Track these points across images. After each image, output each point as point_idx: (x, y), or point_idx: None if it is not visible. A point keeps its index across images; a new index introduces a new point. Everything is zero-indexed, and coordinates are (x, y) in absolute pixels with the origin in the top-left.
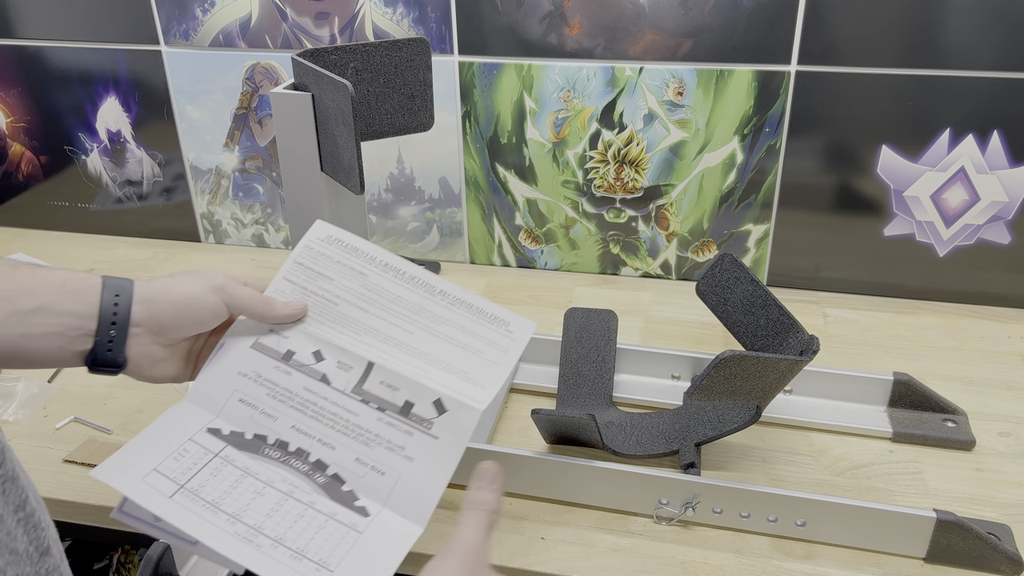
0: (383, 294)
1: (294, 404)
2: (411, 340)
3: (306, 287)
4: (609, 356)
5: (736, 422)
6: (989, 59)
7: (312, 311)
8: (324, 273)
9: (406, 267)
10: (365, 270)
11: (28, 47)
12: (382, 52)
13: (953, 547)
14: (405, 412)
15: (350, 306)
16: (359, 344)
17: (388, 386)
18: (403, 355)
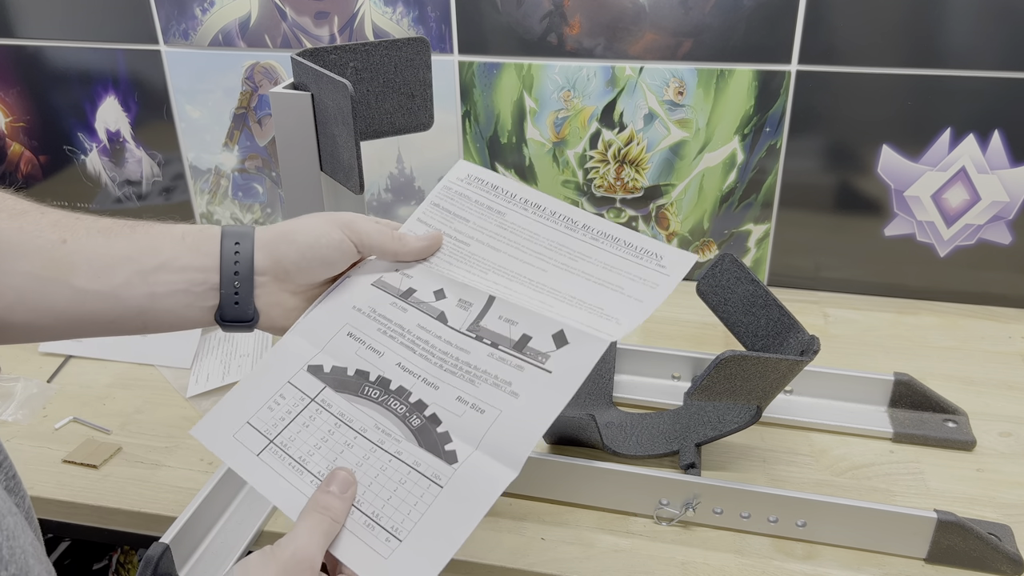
0: (519, 232)
1: (404, 341)
2: (543, 277)
3: (440, 228)
4: (609, 356)
5: (736, 422)
6: (990, 59)
7: (443, 252)
8: (460, 214)
9: (547, 202)
10: (503, 208)
11: (27, 47)
12: (382, 52)
13: (954, 547)
14: (520, 346)
15: (483, 246)
16: (484, 282)
17: (506, 320)
18: (530, 291)
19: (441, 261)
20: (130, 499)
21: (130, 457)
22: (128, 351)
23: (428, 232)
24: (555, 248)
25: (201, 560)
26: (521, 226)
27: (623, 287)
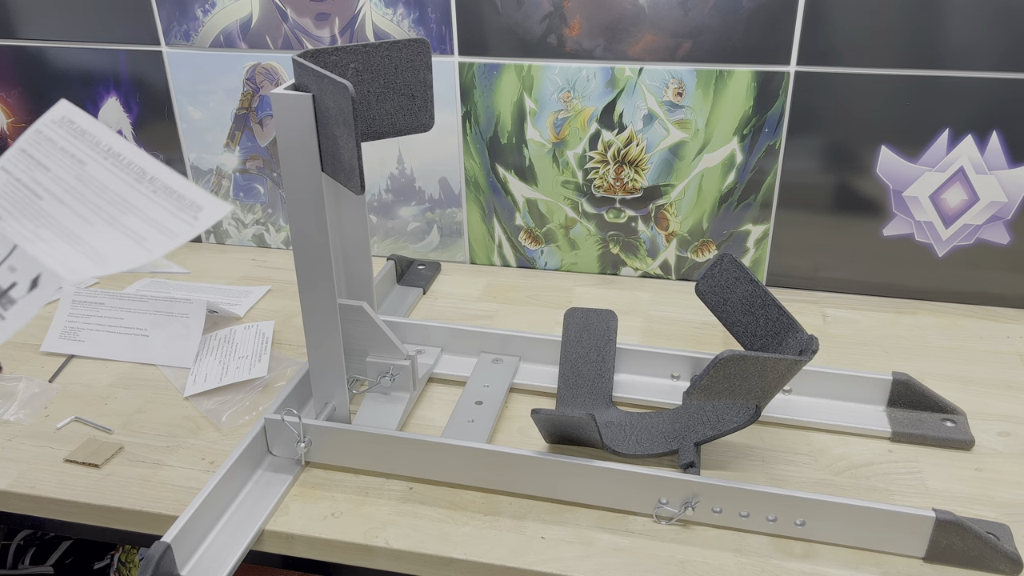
0: (92, 184)
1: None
2: (85, 231)
3: (20, 179)
4: (609, 356)
5: (735, 422)
6: (988, 59)
7: (15, 207)
8: (43, 162)
9: (128, 152)
10: (86, 157)
11: (29, 48)
12: (382, 53)
13: (952, 547)
14: (2, 295)
15: (54, 200)
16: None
17: (11, 269)
18: (56, 241)
19: (9, 217)
20: (132, 498)
21: (132, 456)
22: (130, 351)
23: None
24: (115, 202)
25: (202, 559)
26: (97, 178)
27: (146, 238)
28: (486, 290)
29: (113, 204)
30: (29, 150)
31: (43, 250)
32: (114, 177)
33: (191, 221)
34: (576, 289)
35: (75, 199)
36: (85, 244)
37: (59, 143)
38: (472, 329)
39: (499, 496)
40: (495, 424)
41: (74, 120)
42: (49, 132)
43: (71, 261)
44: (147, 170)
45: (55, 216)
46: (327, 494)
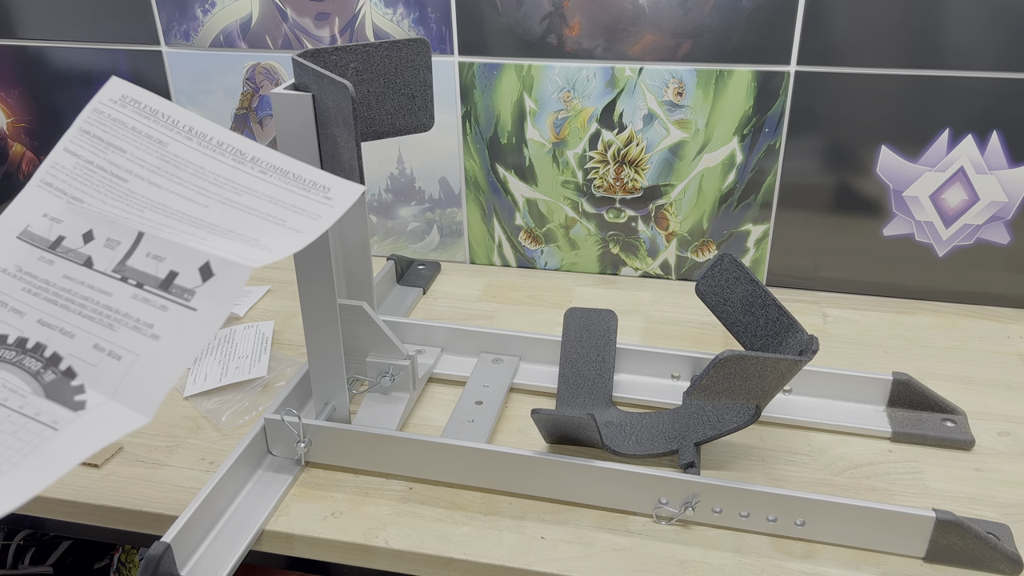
0: (183, 165)
1: (48, 295)
2: (203, 213)
3: (92, 161)
4: (609, 356)
5: (735, 422)
6: (988, 59)
7: (97, 189)
8: (115, 143)
9: (214, 132)
10: (165, 137)
11: (29, 47)
12: (382, 52)
13: (952, 547)
14: (167, 284)
15: (142, 182)
16: (140, 219)
17: (155, 257)
18: (185, 227)
19: (95, 200)
20: (131, 498)
21: (131, 456)
22: None
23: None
24: (220, 183)
25: (202, 559)
26: (185, 158)
27: (286, 220)
28: (486, 290)
29: (219, 185)
30: (93, 131)
31: (179, 235)
32: (207, 158)
33: (325, 201)
34: (576, 289)
35: (171, 181)
36: (218, 228)
37: (127, 123)
38: (472, 329)
39: (499, 496)
40: (495, 424)
41: (137, 98)
42: (112, 112)
43: (227, 246)
44: (244, 150)
45: (155, 199)
46: (327, 494)
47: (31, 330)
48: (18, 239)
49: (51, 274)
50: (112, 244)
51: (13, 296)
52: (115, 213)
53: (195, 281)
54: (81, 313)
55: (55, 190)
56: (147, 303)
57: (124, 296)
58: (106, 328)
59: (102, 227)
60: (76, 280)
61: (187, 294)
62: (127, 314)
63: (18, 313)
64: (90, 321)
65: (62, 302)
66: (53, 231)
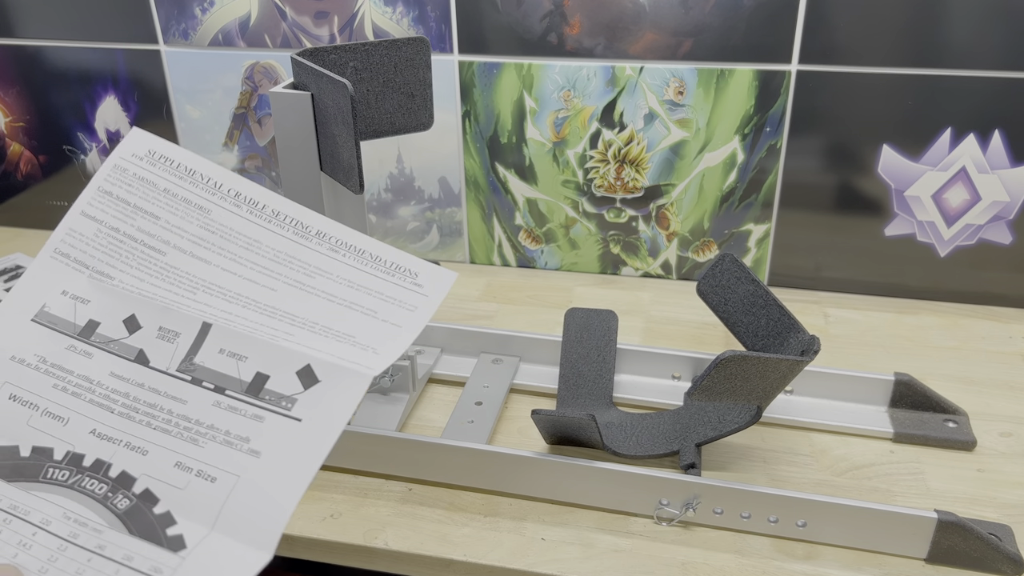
0: (233, 237)
1: (96, 398)
2: (271, 298)
3: (118, 228)
4: (609, 356)
5: (737, 422)
6: (990, 58)
7: (127, 263)
8: (145, 207)
9: (265, 198)
10: (207, 202)
11: (27, 47)
12: (382, 51)
13: (954, 548)
14: (255, 389)
15: (183, 255)
16: (193, 303)
17: (231, 355)
18: (257, 316)
19: (127, 276)
20: None
21: None
22: None
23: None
24: (284, 261)
25: None
26: (235, 229)
27: (376, 311)
28: (486, 290)
29: (284, 264)
30: (116, 191)
31: (255, 327)
32: (263, 230)
33: (415, 289)
34: (576, 289)
35: (222, 256)
36: (300, 319)
37: (158, 183)
38: (472, 329)
39: (499, 497)
40: (495, 425)
41: (167, 154)
42: (137, 169)
43: (323, 345)
44: (307, 223)
45: (205, 277)
46: (326, 495)
47: (84, 443)
48: (34, 322)
49: (92, 370)
50: (168, 335)
51: (44, 395)
52: (158, 294)
53: (294, 387)
54: (149, 424)
55: (74, 262)
56: (235, 412)
57: (202, 403)
58: (187, 443)
59: (148, 312)
60: (131, 381)
61: (286, 402)
62: (212, 425)
63: (58, 419)
64: (164, 434)
65: (119, 409)
66: (80, 314)
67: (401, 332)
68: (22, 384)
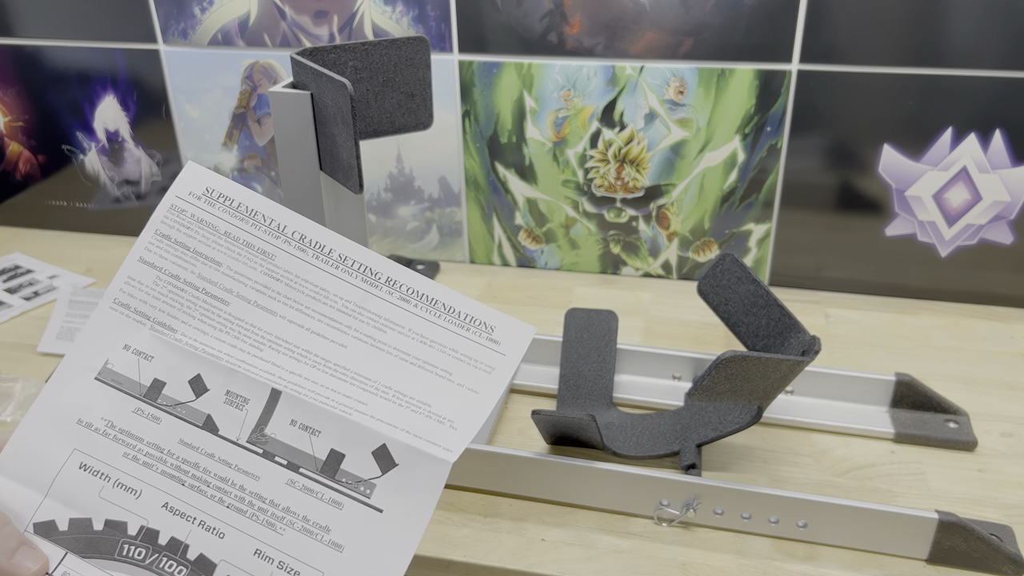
0: (300, 285)
1: (166, 468)
2: (342, 356)
3: (178, 276)
4: (609, 356)
5: (737, 423)
6: (991, 58)
7: (190, 314)
8: (205, 252)
9: (332, 241)
10: (270, 247)
11: (26, 46)
12: (381, 51)
13: (955, 548)
14: (330, 469)
15: (248, 306)
16: (259, 363)
17: (303, 428)
18: (327, 379)
19: (190, 328)
20: None
21: None
22: None
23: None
24: (353, 312)
25: None
26: (301, 276)
27: (451, 372)
28: (486, 290)
29: (353, 316)
30: (174, 235)
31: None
32: (330, 277)
33: (491, 346)
34: (576, 289)
35: (288, 307)
36: (371, 382)
37: (218, 226)
38: None
39: (499, 498)
40: (495, 425)
41: (226, 193)
42: (195, 210)
43: (397, 417)
44: (377, 268)
45: (271, 331)
46: None
47: (157, 518)
48: (98, 381)
49: (161, 437)
50: (237, 401)
51: (114, 465)
52: (223, 350)
53: (371, 470)
54: (222, 500)
55: (135, 313)
56: (311, 495)
57: (276, 481)
58: (265, 528)
59: (215, 374)
60: (200, 450)
61: (364, 487)
62: (288, 508)
63: (130, 492)
64: (239, 515)
65: (190, 481)
66: (145, 372)
67: (478, 399)
68: (92, 452)
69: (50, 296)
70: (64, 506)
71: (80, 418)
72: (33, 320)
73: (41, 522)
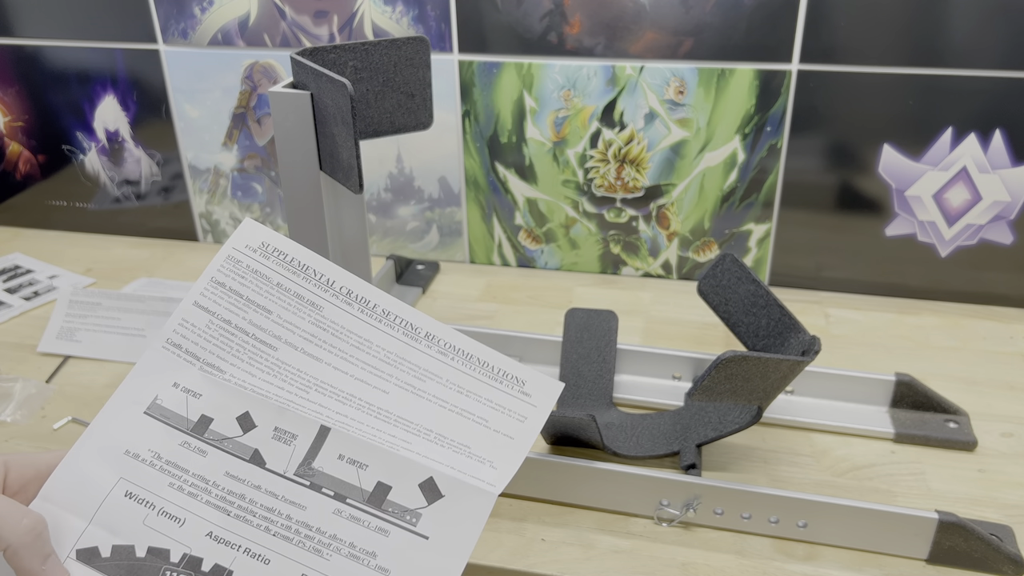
0: (345, 335)
1: (211, 499)
2: (384, 401)
3: (229, 320)
4: (610, 357)
5: (737, 423)
6: (991, 58)
7: (239, 357)
8: (257, 300)
9: (376, 297)
10: (320, 299)
11: (26, 46)
12: (381, 51)
13: (955, 548)
14: (377, 500)
15: (295, 352)
16: (306, 403)
17: (351, 462)
18: (372, 420)
19: (237, 370)
20: None
21: None
22: (127, 351)
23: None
24: (395, 362)
25: None
26: (346, 327)
27: (487, 419)
28: (486, 290)
29: (394, 365)
30: (229, 283)
31: (372, 433)
32: (374, 329)
33: (523, 398)
34: (576, 289)
35: (333, 354)
36: (414, 425)
37: (271, 277)
38: (471, 329)
39: (499, 498)
40: None
41: (280, 248)
42: (251, 262)
43: (442, 456)
44: (417, 324)
45: (317, 376)
46: None
47: (201, 546)
48: (147, 415)
49: (207, 469)
50: (285, 437)
51: (160, 494)
52: (270, 391)
53: (417, 501)
54: (268, 529)
55: (186, 354)
56: (358, 523)
57: (322, 511)
58: (311, 554)
59: (263, 411)
60: (246, 482)
61: (410, 516)
62: (335, 536)
63: (174, 520)
64: (285, 542)
65: (235, 511)
66: (192, 408)
67: (514, 444)
68: (138, 481)
69: (50, 296)
70: (108, 533)
71: (128, 449)
72: (33, 320)
73: (84, 548)
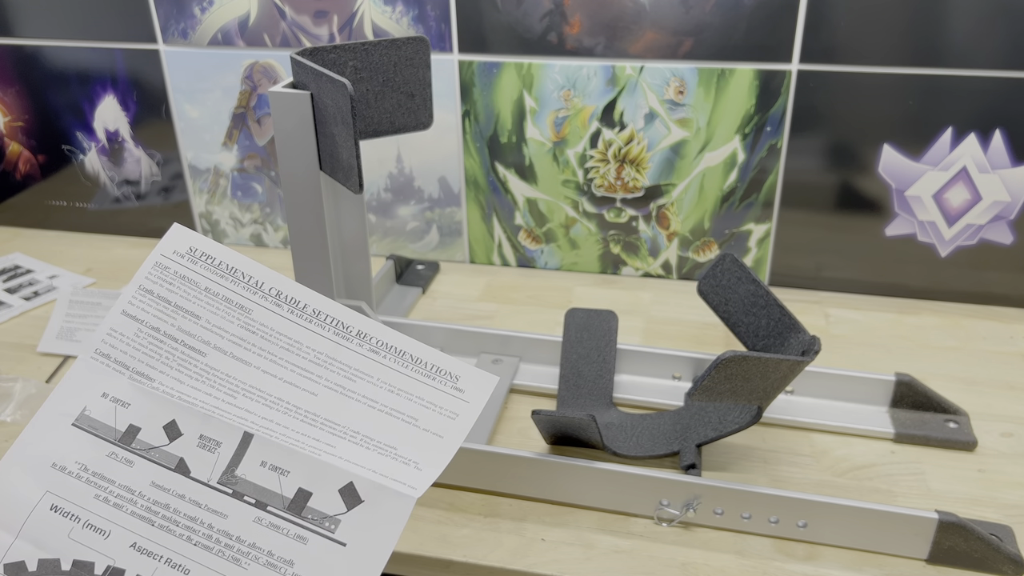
0: (274, 338)
1: (136, 509)
2: (313, 404)
3: (158, 328)
4: (609, 357)
5: (737, 423)
6: (991, 58)
7: (168, 364)
8: (185, 306)
9: (307, 297)
10: (248, 302)
11: (26, 46)
12: (381, 51)
13: (955, 548)
14: (297, 507)
15: (224, 356)
16: (233, 409)
17: (273, 468)
18: (298, 424)
19: (167, 378)
20: None
21: None
22: None
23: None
24: (324, 362)
25: None
26: (276, 329)
27: (417, 418)
28: (486, 290)
29: (323, 366)
30: (157, 290)
31: (296, 437)
32: (303, 330)
33: (456, 394)
34: (576, 289)
35: (261, 357)
36: (339, 427)
37: (199, 282)
38: (472, 329)
39: (499, 498)
40: (495, 425)
41: (208, 252)
42: (178, 268)
43: (364, 459)
44: (347, 322)
45: (245, 380)
46: None
47: (125, 558)
48: (75, 427)
49: (133, 479)
50: (209, 444)
51: (85, 507)
52: (198, 398)
53: (336, 507)
54: (190, 539)
55: (114, 363)
56: (277, 531)
57: (243, 519)
58: (230, 563)
59: (189, 419)
60: (171, 491)
61: (328, 522)
62: (254, 544)
63: (99, 532)
64: (205, 551)
65: (160, 521)
66: (121, 418)
67: (443, 443)
68: (64, 494)
69: (50, 296)
70: (34, 547)
71: (55, 462)
72: (33, 320)
73: (11, 563)
